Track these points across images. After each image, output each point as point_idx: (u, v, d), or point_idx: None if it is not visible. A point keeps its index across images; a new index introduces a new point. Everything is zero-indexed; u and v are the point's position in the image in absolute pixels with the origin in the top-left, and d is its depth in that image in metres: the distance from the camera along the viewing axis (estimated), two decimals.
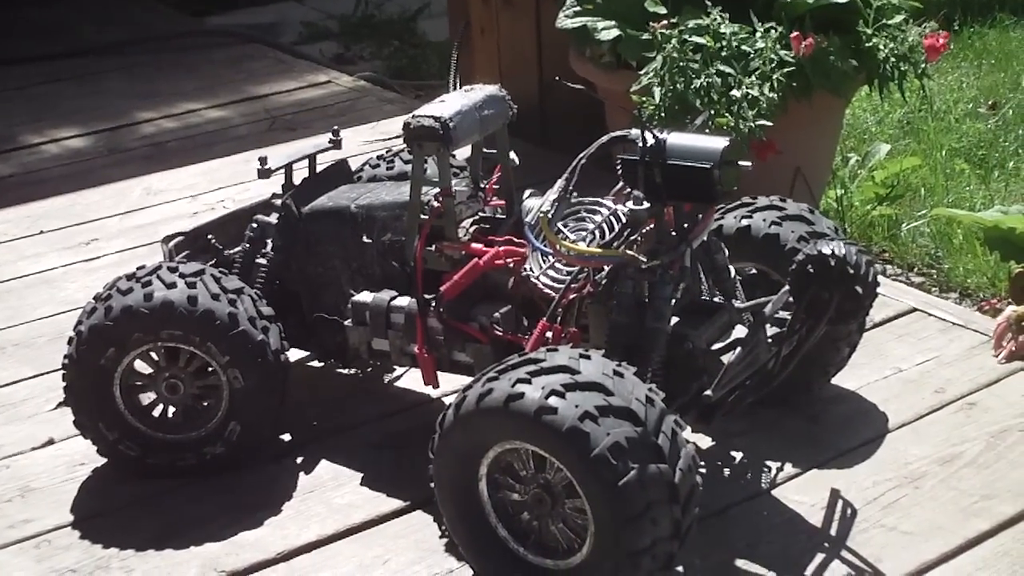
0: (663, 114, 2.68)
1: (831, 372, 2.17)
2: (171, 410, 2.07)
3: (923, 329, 2.46)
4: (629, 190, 1.84)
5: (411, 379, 2.27)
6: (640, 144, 1.79)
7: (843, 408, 2.20)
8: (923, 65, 2.85)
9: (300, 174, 2.25)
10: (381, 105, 3.93)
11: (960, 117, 3.92)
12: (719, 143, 1.78)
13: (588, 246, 1.82)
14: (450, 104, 1.98)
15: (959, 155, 3.64)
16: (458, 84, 3.53)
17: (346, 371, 2.29)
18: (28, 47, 4.64)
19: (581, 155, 1.86)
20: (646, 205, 1.80)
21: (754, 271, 2.09)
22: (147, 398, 2.07)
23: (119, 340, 1.99)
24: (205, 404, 2.05)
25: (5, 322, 2.67)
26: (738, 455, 2.08)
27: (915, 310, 2.53)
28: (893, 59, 2.82)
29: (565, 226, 1.88)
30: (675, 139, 1.79)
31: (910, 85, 2.84)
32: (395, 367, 2.28)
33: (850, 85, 2.86)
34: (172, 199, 3.28)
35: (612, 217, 1.86)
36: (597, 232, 1.85)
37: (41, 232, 3.13)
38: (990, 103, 4.04)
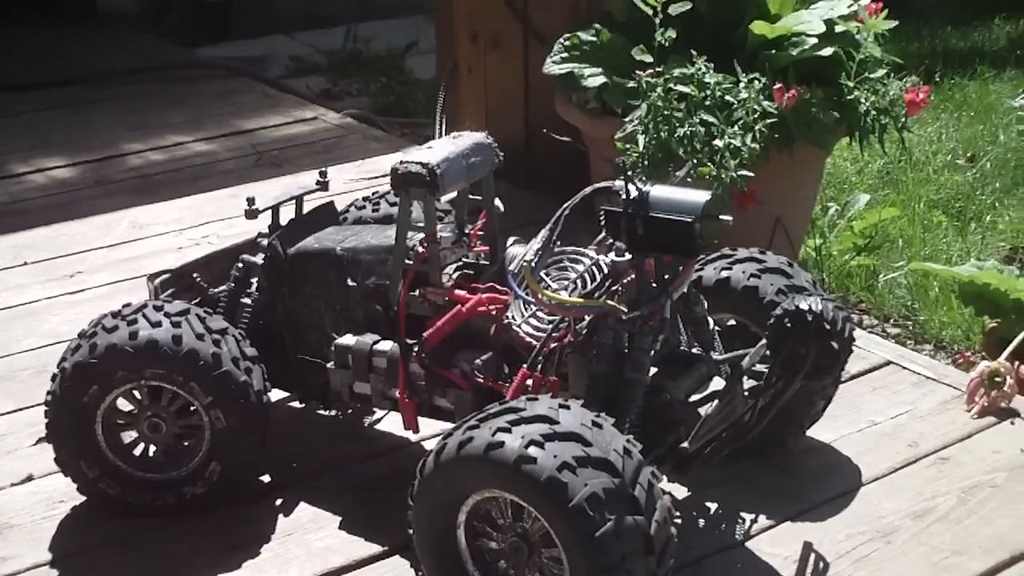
0: (647, 162, 2.71)
1: (806, 425, 2.20)
2: (152, 449, 2.08)
3: (898, 382, 2.49)
4: (611, 241, 1.87)
5: (392, 422, 2.29)
6: (623, 196, 1.82)
7: (818, 460, 2.22)
8: (903, 119, 2.89)
9: (287, 214, 2.27)
10: (367, 143, 3.96)
11: (939, 168, 3.97)
12: (701, 197, 1.81)
13: (570, 296, 1.85)
14: (438, 151, 2.00)
15: (937, 207, 3.68)
16: (444, 125, 3.59)
17: (327, 413, 2.31)
18: (19, 75, 4.66)
19: (565, 205, 1.89)
20: (628, 256, 1.83)
21: (733, 322, 2.12)
22: (129, 436, 2.07)
23: (103, 378, 2.00)
24: (186, 443, 2.06)
25: None
26: (713, 506, 2.10)
27: (890, 363, 2.56)
28: (874, 112, 2.86)
29: (548, 275, 1.90)
30: (657, 192, 1.82)
31: (890, 138, 2.88)
32: (376, 410, 2.30)
33: (831, 137, 2.90)
34: (158, 233, 3.30)
35: (594, 267, 1.88)
36: (579, 282, 1.87)
37: (25, 263, 3.14)
38: (968, 155, 4.09)
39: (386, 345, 2.04)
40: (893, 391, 2.46)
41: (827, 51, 2.82)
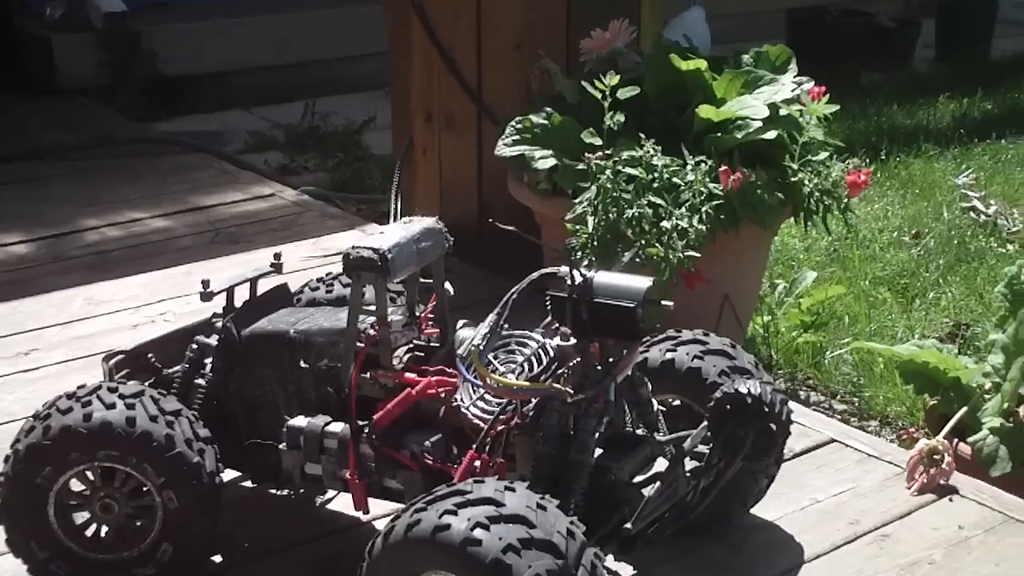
0: (596, 242, 2.77)
1: (750, 502, 2.24)
2: (104, 530, 2.10)
3: (841, 460, 2.54)
4: (557, 325, 1.92)
5: (343, 502, 2.31)
6: (568, 282, 1.87)
7: (762, 537, 2.26)
8: (845, 200, 2.97)
9: (242, 294, 2.31)
10: (323, 220, 4.00)
11: (884, 246, 4.07)
12: (643, 283, 1.86)
13: (517, 379, 1.89)
14: (389, 236, 2.05)
15: (883, 283, 3.77)
16: (400, 203, 3.65)
17: (278, 492, 2.33)
18: None
19: (512, 290, 1.94)
20: (573, 341, 1.88)
21: (677, 402, 2.17)
22: (80, 517, 2.09)
23: (57, 459, 2.02)
24: (138, 524, 2.07)
25: None
26: None
27: (833, 441, 2.61)
28: (817, 193, 2.94)
29: (495, 358, 1.95)
30: (601, 278, 1.87)
31: (834, 218, 2.95)
32: (327, 490, 2.32)
33: (776, 218, 2.97)
34: (114, 310, 3.32)
35: (540, 351, 1.93)
36: (526, 365, 1.92)
37: None
38: (913, 232, 4.19)
39: (337, 427, 2.07)
40: (836, 469, 2.51)
41: (771, 134, 2.90)
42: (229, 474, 2.22)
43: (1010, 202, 4.45)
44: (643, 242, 2.71)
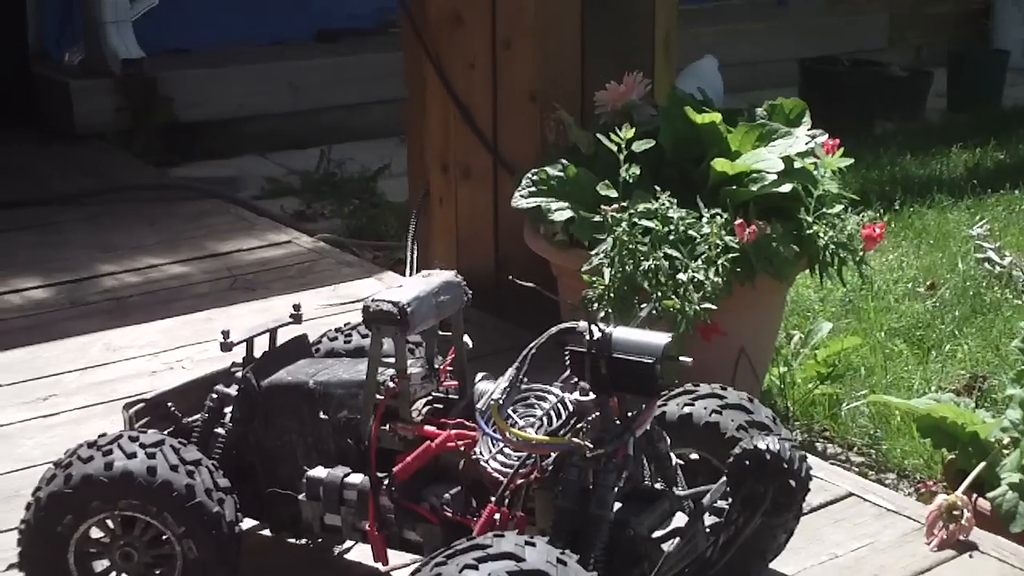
0: (612, 294, 2.78)
1: (769, 557, 2.24)
2: None
3: (859, 514, 2.54)
4: (576, 380, 1.93)
5: (361, 552, 2.31)
6: (587, 337, 1.88)
7: None
8: (861, 252, 2.98)
9: (261, 345, 2.32)
10: (340, 268, 4.02)
11: (900, 297, 4.07)
12: (662, 340, 1.88)
13: (536, 433, 1.90)
14: (408, 289, 2.07)
15: (898, 335, 3.77)
16: (416, 252, 3.67)
17: (297, 541, 2.33)
18: None
19: (531, 345, 1.95)
20: (592, 396, 1.89)
21: (696, 456, 2.18)
22: (100, 565, 2.10)
23: (77, 508, 2.03)
24: (158, 573, 2.08)
25: None
26: None
27: (851, 495, 2.61)
28: (832, 246, 2.95)
29: (515, 411, 1.96)
30: (620, 334, 1.88)
31: (849, 270, 2.96)
32: (346, 540, 2.33)
33: (792, 270, 2.98)
34: (132, 356, 3.34)
35: (560, 405, 1.94)
36: (545, 419, 1.93)
37: (0, 385, 3.17)
38: (928, 283, 4.19)
39: (357, 478, 2.08)
40: (854, 523, 2.51)
41: (786, 187, 2.92)
42: (248, 523, 2.23)
43: None
44: (659, 294, 2.73)
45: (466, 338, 2.18)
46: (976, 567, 2.35)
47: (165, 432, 2.18)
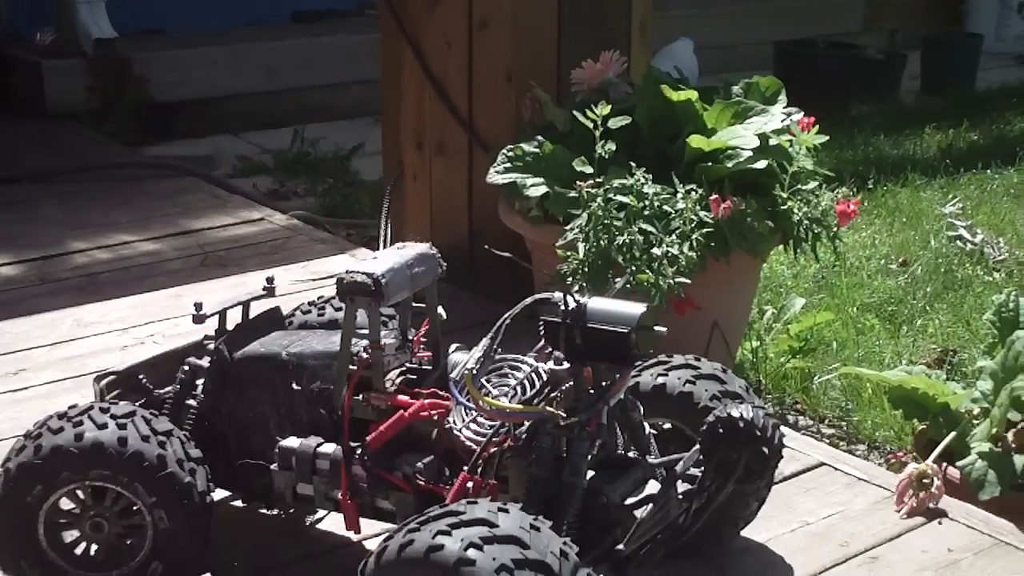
0: (587, 269, 2.78)
1: (740, 525, 2.25)
2: (94, 548, 2.09)
3: (830, 483, 2.55)
4: (550, 349, 1.93)
5: (333, 522, 2.31)
6: (562, 307, 1.88)
7: (752, 560, 2.27)
8: (835, 228, 2.99)
9: (234, 318, 2.31)
10: (313, 244, 4.01)
11: (872, 273, 4.09)
12: (637, 309, 1.88)
13: (510, 402, 1.90)
14: (382, 261, 2.06)
15: (870, 310, 3.79)
16: (390, 229, 3.66)
17: (269, 512, 2.33)
18: None
19: (505, 316, 1.94)
20: (566, 365, 1.89)
21: (669, 426, 2.18)
22: (70, 535, 2.09)
23: (47, 478, 2.02)
24: (128, 543, 2.07)
25: None
26: None
27: (823, 464, 2.62)
28: (807, 222, 2.95)
29: (488, 381, 1.96)
30: (595, 304, 1.88)
31: (823, 246, 2.97)
32: (318, 510, 2.32)
33: (766, 245, 2.99)
34: (102, 332, 3.32)
35: (533, 374, 1.94)
36: (519, 389, 1.93)
37: None
38: (901, 260, 4.21)
39: (329, 447, 2.07)
40: (826, 492, 2.52)
41: (761, 164, 2.92)
42: (219, 493, 2.23)
43: (996, 231, 4.49)
44: (634, 268, 2.73)
45: (440, 310, 2.18)
46: (945, 533, 2.37)
47: (137, 404, 2.17)
